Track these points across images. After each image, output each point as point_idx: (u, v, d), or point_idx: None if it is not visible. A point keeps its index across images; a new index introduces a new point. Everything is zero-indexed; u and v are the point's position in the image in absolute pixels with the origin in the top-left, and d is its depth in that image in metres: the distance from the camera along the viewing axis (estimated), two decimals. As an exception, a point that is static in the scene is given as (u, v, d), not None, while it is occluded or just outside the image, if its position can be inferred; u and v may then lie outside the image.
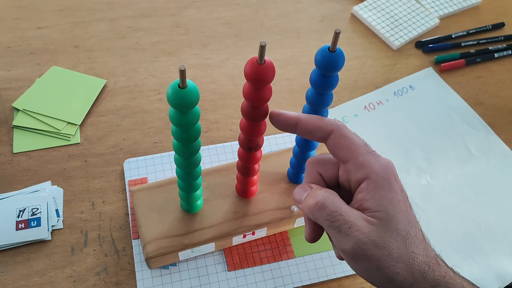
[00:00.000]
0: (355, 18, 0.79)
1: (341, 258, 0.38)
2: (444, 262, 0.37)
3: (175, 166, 0.43)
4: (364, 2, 0.79)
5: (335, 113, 0.65)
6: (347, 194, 0.37)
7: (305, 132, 0.37)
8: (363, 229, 0.33)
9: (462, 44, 0.76)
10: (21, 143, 0.58)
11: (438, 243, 0.49)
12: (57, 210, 0.53)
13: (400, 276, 0.34)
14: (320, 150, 0.55)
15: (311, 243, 0.39)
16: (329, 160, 0.38)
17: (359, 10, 0.78)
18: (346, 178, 0.37)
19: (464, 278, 0.37)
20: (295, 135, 0.48)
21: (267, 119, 0.41)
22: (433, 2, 0.81)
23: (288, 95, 0.67)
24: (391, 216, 0.34)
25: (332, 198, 0.35)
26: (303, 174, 0.51)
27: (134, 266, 0.50)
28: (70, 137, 0.59)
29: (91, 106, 0.63)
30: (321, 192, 0.35)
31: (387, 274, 0.34)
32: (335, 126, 0.36)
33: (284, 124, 0.38)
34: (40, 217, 0.52)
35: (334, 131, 0.36)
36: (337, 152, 0.36)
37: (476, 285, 0.38)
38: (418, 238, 0.35)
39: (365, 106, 0.67)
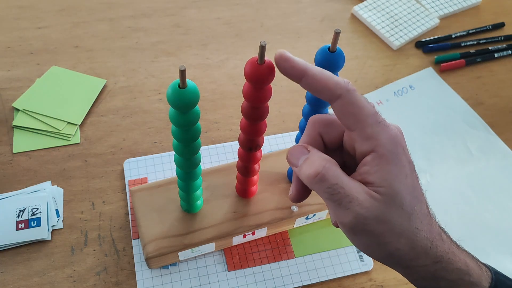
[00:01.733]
0: (355, 18, 0.79)
1: (337, 226, 0.36)
2: (449, 236, 0.36)
3: (175, 166, 0.43)
4: (364, 2, 0.79)
5: (335, 113, 0.65)
6: (350, 159, 0.35)
7: (310, 89, 0.33)
8: (364, 204, 0.31)
9: (462, 44, 0.76)
10: (21, 143, 0.58)
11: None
12: (57, 210, 0.53)
13: (401, 251, 0.33)
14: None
15: (296, 202, 0.37)
16: (334, 121, 0.35)
17: (359, 10, 0.78)
18: (351, 146, 0.34)
19: (468, 252, 0.37)
20: (295, 135, 0.48)
21: (267, 119, 0.41)
22: (433, 2, 0.81)
23: (288, 95, 0.67)
24: (396, 192, 0.32)
25: (333, 169, 0.32)
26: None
27: (134, 266, 0.50)
28: (70, 137, 0.59)
29: (91, 106, 0.63)
30: (320, 161, 0.32)
31: (387, 249, 0.33)
32: (344, 91, 0.32)
33: (289, 72, 0.33)
34: (40, 217, 0.52)
35: (342, 96, 0.32)
36: (344, 119, 0.33)
37: (479, 261, 0.37)
38: (423, 214, 0.33)
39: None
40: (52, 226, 0.52)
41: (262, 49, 0.34)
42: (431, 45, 0.75)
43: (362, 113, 0.32)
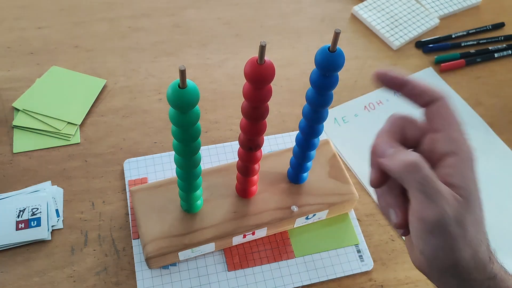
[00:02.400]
0: (355, 18, 0.79)
1: (401, 227, 0.35)
2: (497, 259, 0.36)
3: (175, 166, 0.43)
4: (364, 2, 0.79)
5: (335, 113, 0.65)
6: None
7: (411, 94, 0.36)
8: (450, 202, 0.32)
9: (462, 44, 0.76)
10: (21, 143, 0.58)
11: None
12: (57, 210, 0.53)
13: (465, 261, 0.33)
14: (320, 150, 0.55)
15: (376, 187, 0.37)
16: (415, 121, 0.37)
17: (359, 10, 0.78)
18: (431, 149, 0.35)
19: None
20: (295, 135, 0.48)
21: (267, 119, 0.41)
22: (433, 2, 0.81)
23: (288, 95, 0.67)
24: (474, 199, 0.33)
25: (425, 162, 0.33)
26: (303, 174, 0.52)
27: (134, 266, 0.50)
28: (70, 137, 0.59)
29: (91, 106, 0.63)
30: (414, 153, 0.34)
31: (456, 257, 0.33)
32: (444, 95, 0.35)
33: (391, 82, 0.37)
34: (40, 217, 0.52)
35: (442, 99, 0.35)
36: (435, 119, 0.35)
37: None
38: (484, 228, 0.34)
39: (365, 106, 0.67)
40: (52, 226, 0.52)
41: (262, 49, 0.34)
42: (431, 45, 0.75)
43: (454, 118, 0.35)
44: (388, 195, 0.37)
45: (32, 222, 0.52)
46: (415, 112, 0.38)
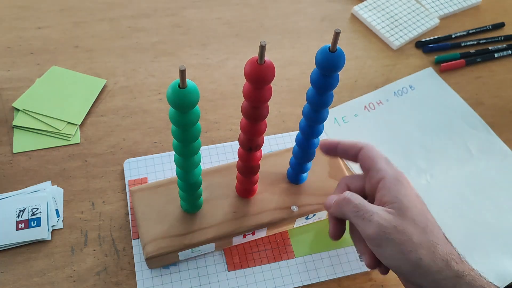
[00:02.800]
0: (355, 18, 0.79)
1: (372, 266, 0.42)
2: (468, 263, 0.39)
3: (175, 166, 0.43)
4: (364, 2, 0.79)
5: (335, 113, 0.65)
6: (372, 202, 0.43)
7: (343, 152, 0.46)
8: (383, 216, 0.39)
9: (462, 44, 0.76)
10: (21, 143, 0.58)
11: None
12: (57, 210, 0.53)
13: (424, 261, 0.37)
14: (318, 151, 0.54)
15: (335, 240, 0.45)
16: (357, 176, 0.46)
17: (359, 10, 0.78)
18: (370, 186, 0.44)
19: (491, 283, 0.38)
20: (295, 135, 0.49)
21: (267, 119, 0.41)
22: (433, 2, 0.81)
23: (288, 95, 0.67)
24: (406, 207, 0.39)
25: (356, 195, 0.42)
26: (303, 174, 0.52)
27: (134, 266, 0.50)
28: (70, 137, 0.59)
29: (91, 106, 0.63)
30: (346, 192, 0.43)
31: (411, 259, 0.37)
32: (364, 144, 0.45)
33: (328, 148, 0.47)
34: (40, 217, 0.52)
35: (364, 147, 0.45)
36: (364, 163, 0.44)
37: None
38: (437, 233, 0.39)
39: (365, 106, 0.67)
40: (52, 226, 0.52)
41: (262, 49, 0.34)
42: (431, 45, 0.75)
43: (377, 156, 0.44)
44: (357, 244, 0.44)
45: (32, 222, 0.52)
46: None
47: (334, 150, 0.47)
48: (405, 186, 0.41)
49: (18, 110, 0.61)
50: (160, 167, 0.57)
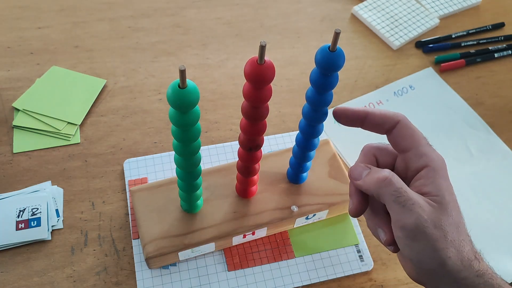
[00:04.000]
0: (355, 18, 0.79)
1: (390, 243, 0.38)
2: (485, 260, 0.38)
3: (175, 166, 0.43)
4: (364, 2, 0.79)
5: (335, 113, 0.65)
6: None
7: (373, 125, 0.39)
8: (424, 208, 0.36)
9: (462, 44, 0.76)
10: (21, 143, 0.58)
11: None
12: (57, 210, 0.53)
13: (451, 260, 0.35)
14: (320, 150, 0.55)
15: (355, 217, 0.41)
16: (386, 148, 0.41)
17: (359, 10, 0.78)
18: (404, 167, 0.39)
19: (502, 279, 0.38)
20: (295, 135, 0.48)
21: (267, 119, 0.41)
22: (433, 2, 0.81)
23: (288, 95, 0.67)
24: (447, 202, 0.36)
25: (397, 177, 0.37)
26: (303, 174, 0.52)
27: (134, 266, 0.50)
28: (70, 137, 0.59)
29: (91, 106, 0.63)
30: (386, 170, 0.37)
31: (440, 257, 0.35)
32: (401, 117, 0.39)
33: (351, 119, 0.40)
34: (40, 217, 0.52)
35: (401, 121, 0.39)
36: (401, 141, 0.39)
37: None
38: (464, 230, 0.37)
39: (365, 106, 0.67)
40: (52, 226, 0.52)
41: (262, 49, 0.34)
42: (431, 45, 0.75)
43: (417, 134, 0.39)
44: (375, 217, 0.40)
45: (32, 222, 0.52)
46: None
47: (361, 121, 0.40)
48: (446, 177, 0.38)
49: (18, 110, 0.61)
50: (160, 167, 0.57)
